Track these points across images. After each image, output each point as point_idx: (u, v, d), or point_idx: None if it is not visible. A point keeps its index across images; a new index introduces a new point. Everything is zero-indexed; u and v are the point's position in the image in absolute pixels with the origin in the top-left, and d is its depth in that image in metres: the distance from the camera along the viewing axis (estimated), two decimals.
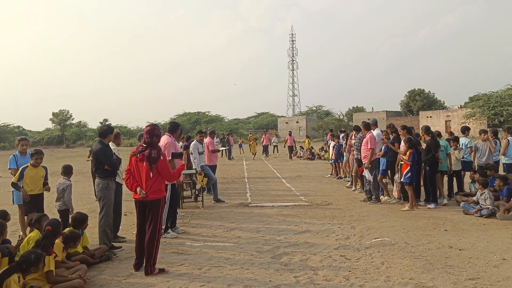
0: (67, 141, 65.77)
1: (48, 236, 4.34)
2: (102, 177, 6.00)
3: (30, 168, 6.33)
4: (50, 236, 4.37)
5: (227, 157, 26.37)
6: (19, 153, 6.93)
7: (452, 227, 6.78)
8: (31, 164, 6.37)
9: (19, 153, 6.94)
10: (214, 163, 10.83)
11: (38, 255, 4.02)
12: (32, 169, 6.34)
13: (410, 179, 8.36)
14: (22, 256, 4.04)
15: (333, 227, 7.06)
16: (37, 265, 3.98)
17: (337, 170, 14.53)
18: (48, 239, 4.31)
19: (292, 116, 79.42)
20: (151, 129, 5.06)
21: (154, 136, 5.04)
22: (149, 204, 4.94)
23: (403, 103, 65.72)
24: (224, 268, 5.03)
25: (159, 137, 5.21)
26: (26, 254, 4.05)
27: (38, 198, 6.43)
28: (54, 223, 4.58)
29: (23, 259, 3.97)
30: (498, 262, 4.99)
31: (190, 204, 9.55)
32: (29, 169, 6.32)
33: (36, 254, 4.02)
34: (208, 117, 77.09)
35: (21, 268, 3.93)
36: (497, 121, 40.83)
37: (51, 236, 4.39)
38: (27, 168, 6.32)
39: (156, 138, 5.09)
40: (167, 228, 6.71)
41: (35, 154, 6.39)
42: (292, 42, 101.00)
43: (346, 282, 4.49)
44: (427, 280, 4.45)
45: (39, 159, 6.42)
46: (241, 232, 6.86)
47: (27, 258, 3.96)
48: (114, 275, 4.90)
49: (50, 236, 4.37)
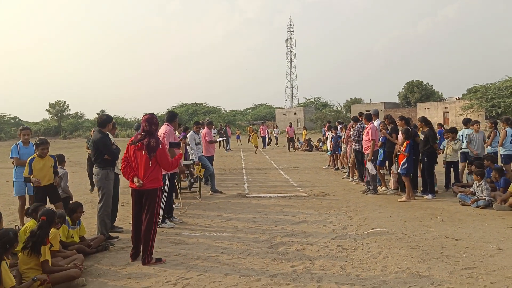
0: (64, 132, 65.54)
1: (42, 226, 4.29)
2: (102, 167, 5.97)
3: (37, 159, 6.13)
4: (45, 226, 4.32)
5: (224, 148, 26.35)
6: (21, 143, 6.79)
7: (449, 218, 6.80)
8: (38, 155, 6.16)
9: (21, 142, 6.80)
10: (211, 154, 10.79)
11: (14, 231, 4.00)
12: (39, 160, 6.13)
13: (407, 170, 8.36)
14: None
15: (330, 218, 7.07)
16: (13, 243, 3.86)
17: (335, 161, 14.55)
18: (42, 229, 4.26)
19: (290, 108, 79.36)
20: (150, 117, 5.05)
21: (153, 125, 5.02)
22: (146, 193, 4.92)
23: (401, 94, 65.72)
24: (221, 258, 5.04)
25: (157, 125, 5.19)
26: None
27: (48, 189, 6.21)
28: (49, 213, 4.50)
29: None
30: (494, 252, 5.01)
31: (188, 195, 9.55)
32: (36, 161, 6.12)
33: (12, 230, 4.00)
34: (206, 109, 76.86)
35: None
36: (494, 113, 40.87)
37: (46, 226, 4.34)
38: (34, 160, 6.13)
39: (155, 126, 5.07)
40: (164, 218, 6.71)
41: (41, 145, 6.18)
42: (290, 33, 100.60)
43: (343, 271, 4.50)
44: (423, 270, 4.47)
45: (45, 149, 6.20)
46: (239, 223, 6.86)
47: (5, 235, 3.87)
48: (111, 264, 4.90)
49: (45, 226, 4.31)
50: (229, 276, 4.42)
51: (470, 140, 9.41)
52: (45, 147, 6.19)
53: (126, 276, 4.52)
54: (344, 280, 4.25)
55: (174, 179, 7.32)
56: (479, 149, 9.31)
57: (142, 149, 4.90)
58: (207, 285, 4.20)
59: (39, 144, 6.20)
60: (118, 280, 4.41)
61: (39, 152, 6.16)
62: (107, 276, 4.52)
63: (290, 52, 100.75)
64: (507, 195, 7.29)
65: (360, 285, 4.10)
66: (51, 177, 6.22)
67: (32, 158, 6.17)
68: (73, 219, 5.49)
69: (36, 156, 6.17)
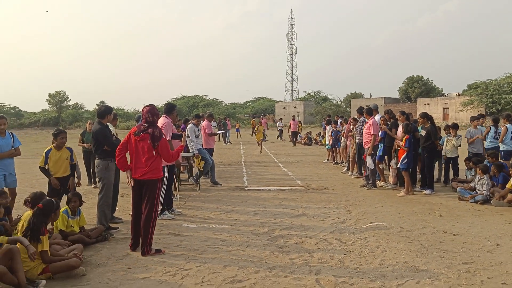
0: (64, 123, 65.39)
1: (37, 215, 4.25)
2: (102, 158, 5.97)
3: (53, 151, 6.06)
4: (40, 214, 4.27)
5: (224, 141, 26.34)
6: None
7: (447, 213, 6.83)
8: (55, 146, 6.07)
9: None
10: (211, 146, 10.80)
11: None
12: (56, 152, 6.06)
13: (407, 165, 8.38)
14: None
15: (329, 211, 7.09)
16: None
17: (334, 155, 14.56)
18: (37, 217, 4.22)
19: (290, 101, 79.19)
20: (152, 108, 5.09)
21: (155, 115, 5.07)
22: (146, 183, 4.94)
23: (401, 89, 65.55)
24: (220, 250, 5.06)
25: (159, 116, 5.22)
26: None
27: (63, 180, 6.17)
28: (47, 202, 4.48)
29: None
30: (492, 247, 5.04)
31: (187, 187, 9.57)
32: (53, 152, 6.05)
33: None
34: (206, 101, 76.69)
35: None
36: (494, 109, 40.80)
37: (41, 214, 4.29)
38: (50, 152, 6.06)
39: (157, 117, 5.14)
40: (163, 209, 6.73)
41: (60, 134, 6.06)
42: (291, 27, 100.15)
43: (341, 264, 4.53)
44: (421, 264, 4.50)
45: (64, 138, 6.10)
46: (238, 215, 6.89)
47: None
48: (111, 255, 4.92)
49: (39, 215, 4.27)
50: (228, 268, 4.45)
51: (470, 136, 9.45)
52: (64, 136, 6.14)
53: (126, 266, 4.54)
54: (342, 273, 4.28)
55: (173, 171, 7.33)
56: (478, 145, 9.37)
57: (144, 140, 4.91)
58: (206, 276, 4.22)
59: (58, 134, 6.08)
60: (117, 270, 4.43)
61: (58, 142, 6.06)
62: (107, 266, 4.54)
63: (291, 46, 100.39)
64: (505, 191, 7.31)
65: (358, 278, 4.13)
66: (67, 168, 6.18)
67: (48, 149, 6.10)
68: (72, 209, 5.49)
69: (53, 147, 6.10)
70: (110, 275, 4.28)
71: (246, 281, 4.09)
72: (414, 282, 4.01)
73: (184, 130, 10.07)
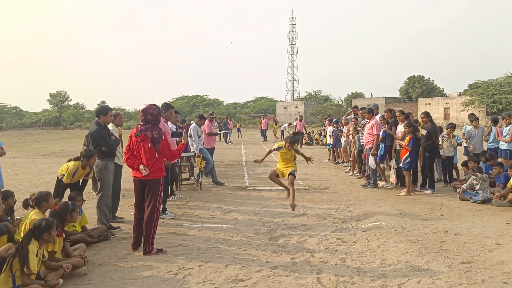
0: (65, 123, 65.45)
1: (53, 216, 4.37)
2: (101, 158, 5.97)
3: (80, 170, 5.98)
4: (56, 216, 4.39)
5: (224, 141, 26.34)
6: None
7: (448, 213, 6.83)
8: (82, 165, 5.95)
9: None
10: (212, 146, 10.83)
11: (49, 221, 4.06)
12: (81, 171, 6.02)
13: (409, 164, 8.37)
14: (34, 224, 4.06)
15: (330, 211, 7.10)
16: (49, 231, 3.97)
17: (335, 155, 14.57)
18: (54, 218, 4.31)
19: (290, 101, 79.14)
20: (146, 107, 5.03)
21: (148, 115, 4.96)
22: (149, 183, 4.95)
23: (402, 89, 65.47)
24: (222, 249, 5.08)
25: (155, 115, 5.03)
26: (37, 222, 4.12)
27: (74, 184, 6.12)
28: (63, 205, 4.58)
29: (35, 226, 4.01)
30: (493, 247, 5.05)
31: (188, 187, 9.58)
32: (79, 172, 5.98)
33: (47, 220, 4.08)
34: (206, 101, 76.64)
35: (34, 235, 3.95)
36: (495, 109, 40.72)
37: (57, 216, 4.41)
38: (77, 171, 5.96)
39: (151, 116, 4.98)
40: (164, 209, 6.74)
41: (93, 155, 5.86)
42: (292, 26, 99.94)
43: (342, 264, 4.54)
44: (422, 263, 4.51)
45: (94, 160, 5.92)
46: (239, 215, 6.90)
47: (39, 225, 4.01)
48: (113, 254, 4.94)
49: (56, 216, 4.39)
50: (229, 267, 4.46)
51: (470, 136, 9.44)
52: (94, 159, 5.93)
53: (128, 265, 4.56)
54: (344, 272, 4.29)
55: (174, 172, 7.30)
56: (477, 145, 9.35)
57: (144, 140, 4.91)
58: (207, 276, 4.24)
59: (91, 155, 5.88)
60: (119, 269, 4.45)
61: (90, 163, 5.93)
62: (109, 266, 4.56)
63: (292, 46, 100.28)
64: (506, 191, 7.31)
65: (359, 277, 4.14)
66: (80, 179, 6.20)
67: (75, 169, 5.95)
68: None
69: (80, 167, 5.99)
70: (112, 274, 4.30)
71: (247, 280, 4.10)
72: (415, 282, 4.02)
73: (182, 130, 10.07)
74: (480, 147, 9.43)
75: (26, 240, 3.88)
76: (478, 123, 9.64)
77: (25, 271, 3.73)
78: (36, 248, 3.86)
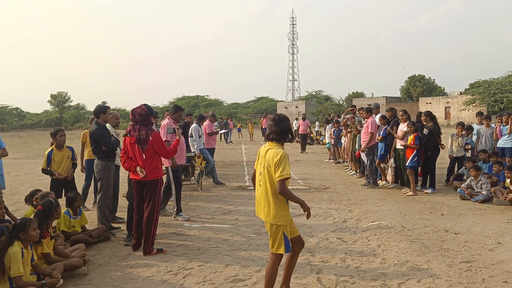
0: (66, 123, 65.49)
1: (38, 217, 4.21)
2: (101, 158, 5.98)
3: (55, 152, 6.07)
4: (41, 216, 4.24)
5: (225, 141, 26.36)
6: None
7: (449, 212, 6.83)
8: (56, 146, 6.08)
9: None
10: (212, 146, 10.84)
11: (25, 220, 3.95)
12: (58, 153, 6.07)
13: (417, 162, 8.32)
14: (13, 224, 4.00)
15: (331, 211, 7.10)
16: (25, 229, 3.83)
17: (336, 154, 14.56)
18: (39, 219, 4.18)
19: (291, 101, 79.12)
20: (136, 107, 5.01)
21: (137, 114, 4.93)
22: (147, 184, 4.95)
23: (403, 89, 65.45)
24: (222, 249, 5.08)
25: (143, 115, 4.94)
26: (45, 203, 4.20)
27: (66, 181, 6.22)
28: (46, 203, 4.43)
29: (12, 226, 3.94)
30: (493, 246, 5.04)
31: (189, 187, 9.59)
32: (55, 153, 6.06)
33: (22, 220, 3.99)
34: (207, 101, 76.68)
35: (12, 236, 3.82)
36: (497, 108, 40.67)
37: (42, 216, 4.26)
38: (52, 152, 6.07)
39: (139, 116, 4.92)
40: (179, 210, 6.67)
41: (59, 131, 6.05)
42: (292, 26, 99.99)
43: (343, 263, 4.54)
44: (422, 263, 4.50)
45: (63, 135, 6.10)
46: (239, 215, 6.90)
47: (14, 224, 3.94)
48: (113, 255, 4.95)
49: (41, 216, 4.24)
50: (229, 267, 4.46)
51: (479, 135, 9.34)
52: (63, 133, 6.14)
53: (128, 266, 4.56)
54: (344, 272, 4.29)
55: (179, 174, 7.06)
56: (488, 144, 9.23)
57: (136, 143, 4.92)
58: (207, 275, 4.24)
59: (56, 132, 6.09)
60: (119, 269, 4.45)
61: (57, 140, 6.06)
62: (109, 266, 4.56)
63: (292, 45, 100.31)
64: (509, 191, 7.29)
65: (359, 277, 4.14)
66: (69, 167, 6.24)
67: (50, 150, 6.10)
68: (74, 209, 5.50)
69: (54, 148, 6.10)
70: (112, 275, 4.31)
71: (247, 280, 4.10)
72: (415, 281, 4.02)
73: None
74: (490, 147, 9.26)
75: (6, 242, 3.77)
76: (490, 122, 9.45)
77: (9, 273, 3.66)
78: (20, 249, 3.73)
